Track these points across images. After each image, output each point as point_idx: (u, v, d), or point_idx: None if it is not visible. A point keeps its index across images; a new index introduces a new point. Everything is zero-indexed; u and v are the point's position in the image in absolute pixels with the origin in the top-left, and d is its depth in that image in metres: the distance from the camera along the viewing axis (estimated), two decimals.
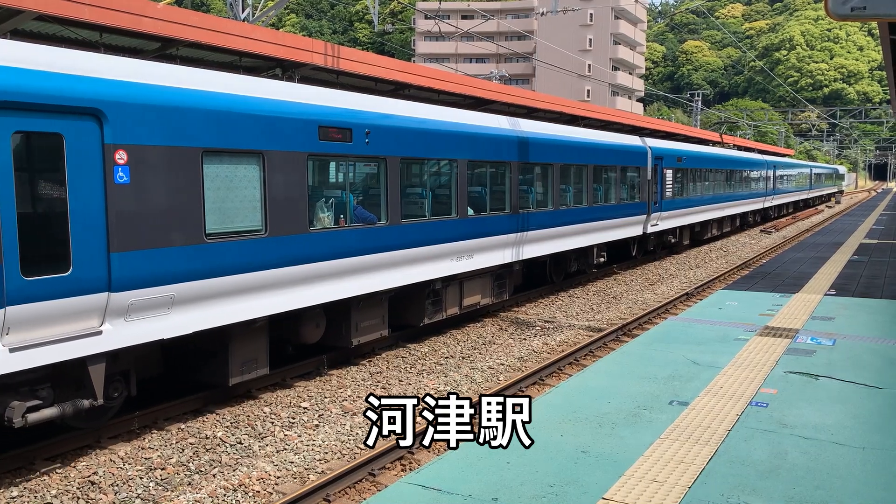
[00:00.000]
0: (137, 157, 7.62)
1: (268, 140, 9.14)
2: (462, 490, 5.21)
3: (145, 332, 7.86)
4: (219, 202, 8.57)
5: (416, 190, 12.42)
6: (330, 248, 10.16)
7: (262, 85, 9.51)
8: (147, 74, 7.93)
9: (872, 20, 6.39)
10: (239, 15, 16.03)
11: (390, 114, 11.48)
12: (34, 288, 6.76)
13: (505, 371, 11.53)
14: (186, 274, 8.16)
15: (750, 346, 9.38)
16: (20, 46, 7.06)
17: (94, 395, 7.40)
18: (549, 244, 16.56)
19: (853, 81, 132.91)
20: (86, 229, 7.19)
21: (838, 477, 5.36)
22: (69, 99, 7.04)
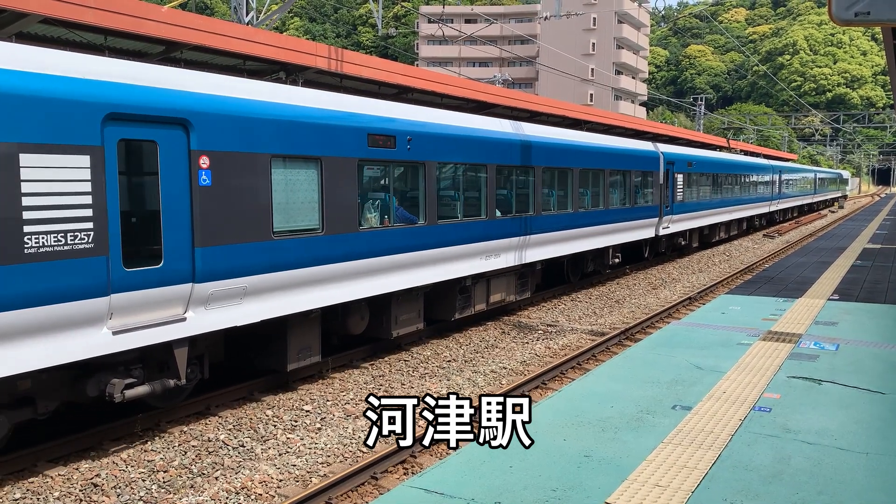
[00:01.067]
0: (217, 162, 8.45)
1: (325, 147, 10.01)
2: (464, 494, 5.20)
3: (221, 320, 8.67)
4: (283, 203, 9.42)
5: (449, 193, 13.22)
6: (376, 245, 10.99)
7: (320, 96, 10.40)
8: (225, 87, 8.80)
9: (877, 25, 6.39)
10: (243, 18, 16.07)
11: (428, 122, 12.34)
12: (133, 278, 7.58)
13: (507, 375, 11.52)
14: (256, 268, 8.97)
15: (753, 350, 9.37)
16: (124, 64, 7.88)
17: (178, 375, 8.26)
18: (569, 245, 17.35)
19: (856, 86, 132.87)
20: (174, 227, 8.00)
21: (841, 482, 5.35)
22: (162, 110, 7.85)
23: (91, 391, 7.69)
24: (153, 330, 7.84)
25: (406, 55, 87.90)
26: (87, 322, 7.21)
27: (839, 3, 5.48)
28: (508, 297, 15.37)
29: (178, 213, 8.01)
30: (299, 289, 9.68)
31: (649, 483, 5.33)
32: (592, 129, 22.26)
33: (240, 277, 8.74)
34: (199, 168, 8.23)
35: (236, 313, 8.84)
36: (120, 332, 7.50)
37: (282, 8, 17.61)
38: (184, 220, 8.08)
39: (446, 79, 16.53)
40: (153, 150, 7.83)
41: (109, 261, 7.33)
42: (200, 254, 8.23)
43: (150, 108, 7.73)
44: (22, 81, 6.64)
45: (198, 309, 8.33)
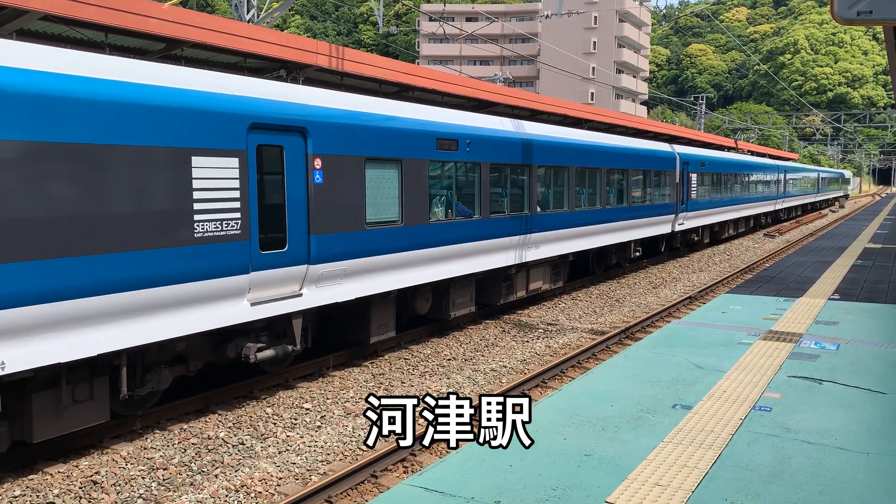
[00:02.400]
0: (327, 163, 9.96)
1: (404, 150, 11.61)
2: (464, 493, 5.20)
3: (327, 297, 10.20)
4: (373, 198, 10.97)
5: (498, 190, 14.53)
6: (441, 236, 12.53)
7: (401, 106, 12.10)
8: (331, 100, 10.38)
9: (879, 24, 6.38)
10: (244, 16, 16.06)
11: (483, 126, 14.00)
12: (266, 260, 9.09)
13: (507, 373, 11.51)
14: (353, 253, 10.54)
15: (753, 350, 9.36)
16: (260, 82, 9.48)
17: (294, 342, 9.83)
18: (597, 238, 18.79)
19: (858, 86, 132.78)
20: (295, 217, 9.53)
21: (842, 482, 5.34)
22: (287, 120, 9.38)
23: (230, 353, 9.21)
24: (278, 303, 9.39)
25: (407, 53, 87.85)
26: (233, 295, 8.76)
27: (841, 2, 5.47)
28: (544, 286, 16.82)
29: (298, 206, 9.55)
30: (382, 272, 11.25)
31: (649, 482, 5.33)
32: (594, 127, 22.25)
33: (341, 261, 10.33)
34: (313, 168, 9.78)
35: (337, 291, 10.39)
36: (256, 304, 9.04)
37: (283, 6, 17.60)
38: (302, 212, 9.61)
39: (447, 77, 16.52)
40: (280, 153, 9.37)
41: (250, 245, 8.85)
42: (314, 240, 9.80)
43: (279, 119, 9.26)
44: (191, 98, 8.21)
45: (310, 287, 9.88)
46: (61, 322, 7.01)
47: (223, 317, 8.63)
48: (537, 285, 16.45)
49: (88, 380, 7.65)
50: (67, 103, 6.98)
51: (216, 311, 8.55)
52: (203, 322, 8.43)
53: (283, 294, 9.45)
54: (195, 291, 8.22)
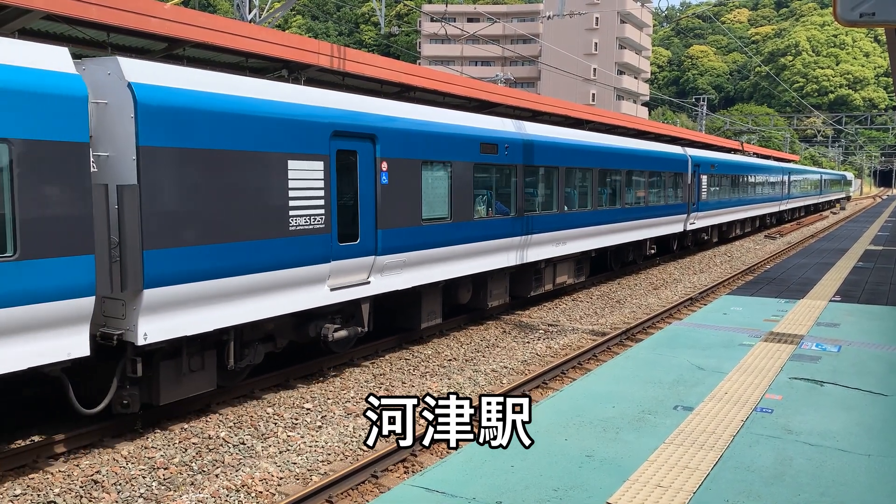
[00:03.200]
0: (391, 166, 11.19)
1: (453, 153, 12.84)
2: (465, 493, 5.19)
3: (389, 284, 11.42)
4: (428, 197, 12.18)
5: (531, 190, 15.65)
6: (482, 232, 13.76)
7: (452, 114, 13.32)
8: (394, 109, 11.70)
9: (881, 26, 6.37)
10: (245, 16, 16.06)
11: (518, 132, 15.10)
12: (342, 251, 10.34)
13: (508, 374, 11.51)
14: (411, 246, 11.77)
15: (755, 351, 9.36)
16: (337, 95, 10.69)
17: (363, 324, 11.07)
18: (617, 236, 20.05)
19: (859, 87, 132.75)
20: (366, 214, 10.78)
21: (843, 484, 5.34)
22: (360, 127, 10.62)
23: (311, 333, 10.35)
24: (351, 289, 10.63)
25: (408, 54, 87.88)
26: (317, 281, 9.98)
27: (844, 4, 5.46)
28: (569, 280, 18.07)
29: (367, 204, 10.79)
30: (433, 264, 12.48)
31: (651, 483, 5.32)
32: (595, 128, 22.27)
33: (402, 253, 11.57)
34: (380, 170, 10.99)
35: (398, 280, 11.61)
36: (334, 289, 10.28)
37: (284, 6, 17.60)
38: (371, 209, 10.85)
39: (448, 77, 16.52)
40: (354, 157, 10.58)
41: (331, 237, 10.10)
42: (381, 234, 11.03)
43: (354, 127, 10.48)
44: (290, 110, 9.48)
45: (376, 275, 11.12)
46: (190, 301, 8.24)
47: (309, 300, 9.94)
48: (563, 279, 17.74)
49: (201, 352, 8.82)
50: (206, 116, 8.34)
51: (304, 295, 9.83)
52: (293, 304, 9.71)
53: (355, 281, 10.76)
54: (288, 277, 9.49)
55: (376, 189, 10.91)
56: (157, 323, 7.87)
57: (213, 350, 8.93)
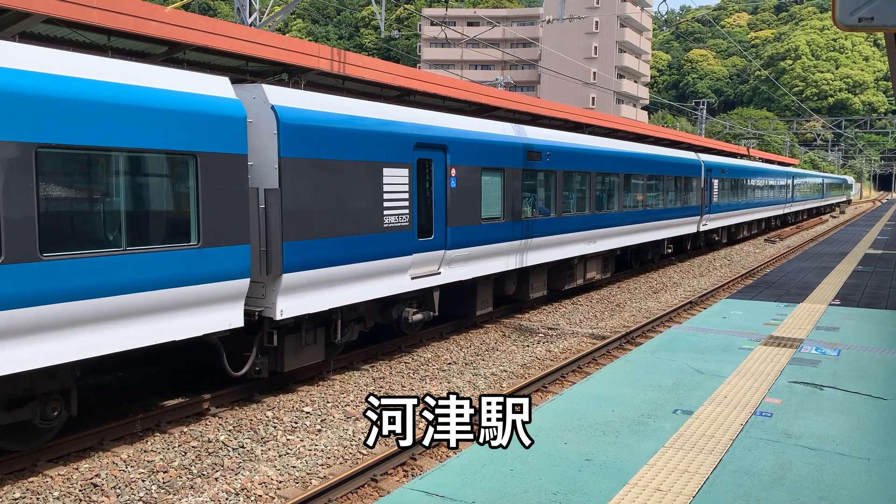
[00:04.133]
0: (458, 172, 12.89)
1: (505, 161, 14.53)
2: (465, 497, 5.19)
3: (455, 275, 13.08)
4: (486, 199, 13.80)
5: (567, 193, 17.33)
6: (528, 230, 15.27)
7: (505, 126, 15.10)
8: (461, 123, 13.54)
9: (880, 31, 6.38)
10: (246, 19, 16.08)
11: (558, 140, 16.89)
12: (420, 245, 11.97)
13: (508, 378, 11.50)
14: (472, 242, 13.38)
15: (754, 355, 9.36)
16: (417, 112, 12.33)
17: (434, 309, 12.79)
18: (639, 236, 21.65)
19: (858, 91, 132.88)
20: (438, 213, 12.45)
21: (843, 488, 5.34)
22: (436, 139, 12.35)
23: (394, 315, 12.03)
24: (426, 278, 12.29)
25: (408, 57, 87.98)
26: (401, 270, 11.60)
27: (843, 9, 5.47)
28: (597, 276, 19.55)
29: (440, 204, 12.47)
30: (489, 259, 14.06)
31: (650, 487, 5.32)
32: (595, 132, 22.32)
33: (465, 248, 13.21)
34: (450, 176, 12.66)
35: (461, 272, 13.27)
36: (414, 278, 11.93)
37: (285, 9, 17.63)
38: (442, 209, 12.53)
39: (448, 81, 16.54)
40: (430, 165, 12.26)
41: (413, 233, 11.74)
42: (449, 231, 12.73)
43: (431, 139, 12.20)
44: (388, 125, 11.29)
45: (444, 267, 12.76)
46: (312, 284, 9.82)
47: (396, 287, 11.58)
48: (592, 275, 19.26)
49: (314, 329, 10.36)
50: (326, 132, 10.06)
51: (392, 283, 11.49)
52: (385, 290, 11.34)
53: (429, 272, 12.36)
54: (382, 267, 11.14)
55: (446, 192, 12.62)
56: (290, 302, 9.54)
57: (322, 327, 10.56)
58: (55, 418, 7.69)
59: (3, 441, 7.44)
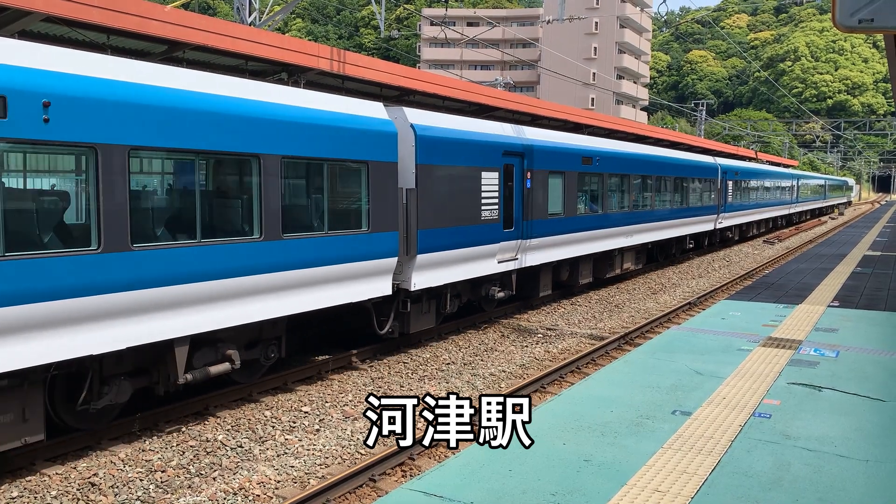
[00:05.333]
0: (533, 175, 15.27)
1: (566, 165, 16.87)
2: (464, 497, 5.19)
3: (528, 261, 15.41)
4: (552, 198, 16.22)
5: (611, 192, 19.79)
6: (581, 225, 17.73)
7: (567, 136, 17.80)
8: (537, 134, 16.16)
9: (880, 33, 6.38)
10: (245, 19, 16.07)
11: (604, 147, 19.51)
12: (505, 234, 14.37)
13: (507, 378, 11.50)
14: (541, 233, 15.75)
15: (753, 356, 9.36)
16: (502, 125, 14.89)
17: (512, 289, 15.19)
18: (666, 231, 24.12)
19: (858, 93, 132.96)
20: (518, 209, 14.83)
21: (841, 489, 5.34)
22: (517, 147, 14.75)
23: (482, 293, 14.42)
24: (508, 263, 14.65)
25: (408, 57, 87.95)
26: (491, 256, 14.07)
27: (843, 10, 5.47)
28: (632, 266, 21.88)
29: (518, 202, 14.85)
30: (551, 248, 16.36)
31: (649, 488, 5.32)
32: (594, 132, 22.33)
33: (536, 238, 15.53)
34: (526, 178, 15.03)
35: (532, 258, 15.57)
36: (499, 262, 14.34)
37: (284, 9, 17.62)
38: (520, 205, 14.88)
39: (448, 81, 16.54)
40: (512, 169, 14.61)
41: (500, 225, 14.18)
42: (525, 224, 15.07)
43: (513, 147, 14.62)
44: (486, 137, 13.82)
45: (521, 254, 15.08)
46: (433, 264, 12.33)
47: (487, 269, 13.99)
48: (628, 266, 21.56)
49: (429, 301, 12.74)
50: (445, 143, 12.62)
51: (484, 265, 13.92)
52: (480, 270, 13.77)
53: (510, 257, 14.74)
54: (478, 252, 13.60)
55: (524, 191, 15.02)
56: (420, 277, 12.04)
57: (434, 300, 12.98)
58: (271, 358, 10.08)
59: (236, 375, 9.63)
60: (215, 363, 8.99)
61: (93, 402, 7.90)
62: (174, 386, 8.51)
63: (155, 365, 8.50)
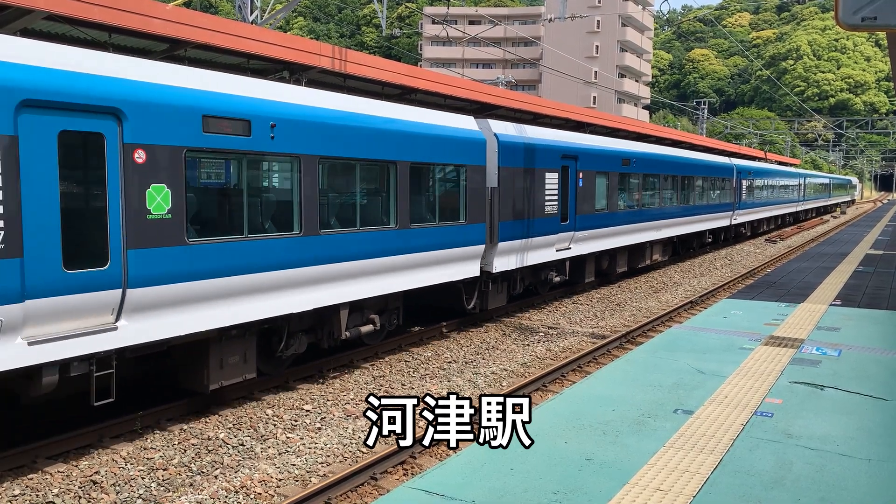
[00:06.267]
0: (584, 175, 17.60)
1: (609, 166, 19.18)
2: (465, 496, 5.18)
3: (577, 251, 17.74)
4: (599, 195, 18.60)
5: (645, 190, 22.21)
6: (620, 219, 20.07)
7: (609, 140, 20.42)
8: (586, 140, 18.45)
9: (883, 31, 6.37)
10: (247, 17, 16.06)
11: (639, 149, 21.84)
12: (561, 227, 16.63)
13: (508, 377, 11.49)
14: (589, 226, 18.03)
15: (755, 355, 9.35)
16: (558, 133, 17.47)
17: (566, 275, 17.74)
18: (689, 227, 26.69)
19: (860, 92, 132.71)
20: (570, 204, 17.04)
21: (844, 488, 5.33)
22: (571, 151, 17.12)
23: (541, 277, 16.79)
24: (563, 251, 17.01)
25: (410, 56, 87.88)
26: (550, 245, 16.37)
27: (846, 8, 5.45)
28: (660, 258, 24.45)
29: (571, 198, 17.14)
30: (596, 240, 18.73)
31: (650, 487, 5.31)
32: (595, 131, 22.32)
33: (585, 230, 17.91)
34: (578, 178, 17.34)
35: (582, 248, 17.99)
36: (557, 250, 16.71)
37: (286, 7, 17.61)
38: (573, 201, 17.22)
39: (450, 80, 16.51)
40: (567, 171, 16.92)
41: (558, 218, 16.44)
42: (577, 218, 17.38)
43: (569, 151, 17.04)
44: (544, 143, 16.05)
45: (574, 244, 17.48)
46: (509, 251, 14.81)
47: (547, 256, 16.43)
48: (657, 257, 23.90)
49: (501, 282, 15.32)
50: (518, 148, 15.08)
51: (545, 253, 16.31)
52: (541, 257, 16.17)
53: (565, 247, 17.07)
54: (541, 241, 15.99)
55: (576, 189, 17.24)
56: (499, 262, 14.45)
57: (505, 282, 15.35)
58: (393, 324, 12.43)
59: (366, 338, 11.88)
60: (362, 325, 11.54)
61: (283, 351, 10.19)
62: (336, 341, 11.06)
63: (321, 325, 10.85)
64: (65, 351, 7.20)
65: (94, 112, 7.38)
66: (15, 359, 6.83)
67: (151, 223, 7.87)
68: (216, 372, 9.12)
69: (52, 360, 7.12)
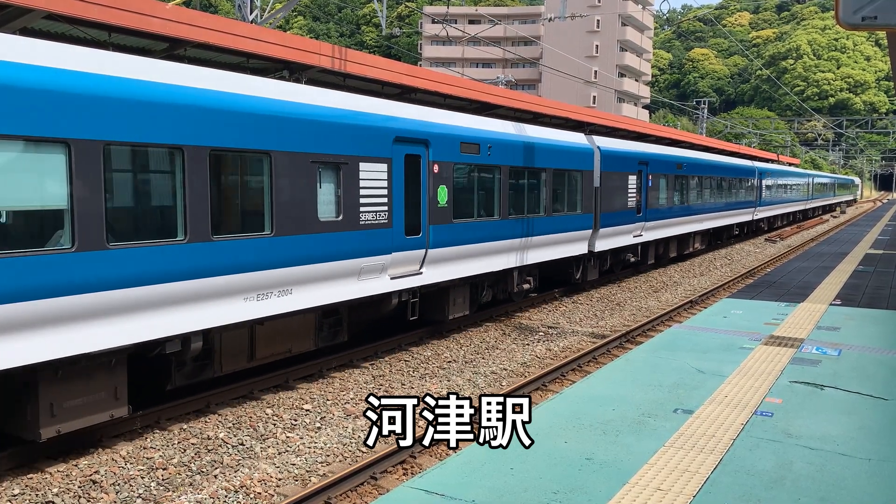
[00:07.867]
0: (651, 177, 21.94)
1: (669, 169, 23.35)
2: (465, 495, 5.18)
3: (650, 237, 22.59)
4: (662, 193, 22.75)
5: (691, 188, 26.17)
6: (674, 213, 24.17)
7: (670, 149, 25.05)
8: (654, 148, 22.96)
9: (883, 30, 6.36)
10: (247, 17, 16.05)
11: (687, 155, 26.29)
12: (637, 218, 21.30)
13: (508, 376, 11.49)
14: (655, 218, 22.29)
15: (755, 355, 9.34)
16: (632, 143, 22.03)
17: (639, 256, 22.37)
18: (721, 220, 30.76)
19: (860, 91, 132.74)
20: (643, 199, 21.34)
21: (844, 488, 5.32)
22: (645, 157, 21.63)
23: (622, 257, 21.00)
24: (637, 238, 21.45)
25: (409, 55, 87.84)
26: (629, 233, 20.91)
27: (846, 8, 5.45)
28: (699, 247, 28.72)
29: (644, 195, 21.27)
30: (658, 229, 22.91)
31: (650, 487, 5.31)
32: (596, 130, 22.36)
33: (652, 221, 22.02)
34: (648, 179, 21.53)
35: (649, 236, 22.16)
36: (634, 237, 21.27)
37: (286, 6, 17.60)
38: (644, 197, 21.21)
39: (449, 79, 16.50)
40: (641, 173, 21.04)
41: (634, 211, 20.69)
42: (647, 211, 21.50)
43: (643, 157, 21.25)
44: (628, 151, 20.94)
45: (644, 232, 21.61)
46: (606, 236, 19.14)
47: (628, 241, 20.76)
48: (697, 245, 28.19)
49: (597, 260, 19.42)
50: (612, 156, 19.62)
51: (627, 238, 20.65)
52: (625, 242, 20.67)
53: (638, 234, 21.22)
54: (626, 229, 20.36)
55: (647, 188, 21.50)
56: (600, 244, 18.85)
57: (598, 259, 19.55)
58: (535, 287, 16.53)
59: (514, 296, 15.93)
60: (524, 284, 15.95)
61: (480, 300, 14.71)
62: (511, 294, 15.73)
63: (497, 283, 15.27)
64: (402, 284, 11.85)
65: (418, 143, 12.08)
66: (386, 286, 11.50)
67: (439, 209, 12.61)
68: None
69: (398, 289, 11.78)
